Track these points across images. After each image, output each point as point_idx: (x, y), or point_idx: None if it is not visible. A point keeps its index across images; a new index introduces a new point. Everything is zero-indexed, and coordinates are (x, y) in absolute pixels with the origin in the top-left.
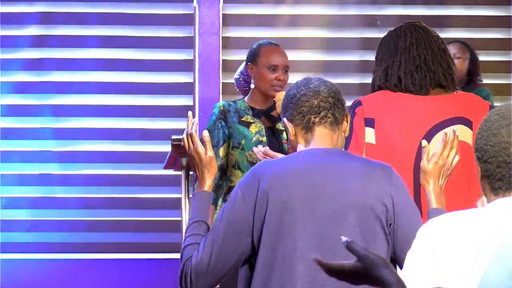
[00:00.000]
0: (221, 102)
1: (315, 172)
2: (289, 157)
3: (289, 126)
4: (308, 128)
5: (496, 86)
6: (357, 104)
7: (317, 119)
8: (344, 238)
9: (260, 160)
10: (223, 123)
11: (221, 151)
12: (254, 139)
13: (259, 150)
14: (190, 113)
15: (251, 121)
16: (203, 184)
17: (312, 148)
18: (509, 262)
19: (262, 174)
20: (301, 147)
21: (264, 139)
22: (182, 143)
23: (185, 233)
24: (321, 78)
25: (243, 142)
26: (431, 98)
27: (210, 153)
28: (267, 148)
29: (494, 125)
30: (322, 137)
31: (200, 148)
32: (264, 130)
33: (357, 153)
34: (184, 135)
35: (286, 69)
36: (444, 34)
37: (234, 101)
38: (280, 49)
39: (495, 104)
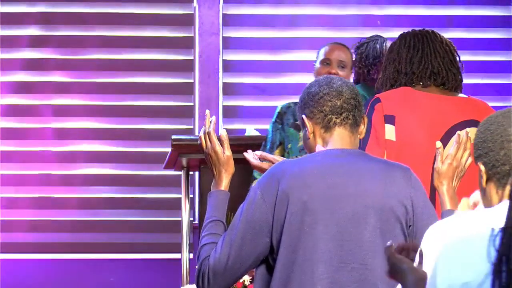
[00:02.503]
0: (283, 103)
1: (335, 173)
2: (308, 157)
3: (308, 123)
4: (328, 128)
5: (496, 86)
6: (376, 100)
7: (338, 120)
8: (388, 242)
9: (254, 164)
10: (279, 126)
11: (276, 154)
12: (300, 143)
13: (255, 154)
14: (208, 111)
15: None
16: (220, 183)
17: (331, 148)
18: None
19: (282, 174)
20: (319, 147)
21: None
22: (199, 141)
23: (202, 232)
24: (342, 78)
25: (289, 146)
26: (449, 99)
27: (228, 152)
28: (263, 152)
29: (491, 119)
30: (341, 138)
31: (218, 147)
32: None
33: (377, 150)
34: (202, 134)
35: (341, 64)
36: (444, 34)
37: (296, 103)
38: (340, 45)
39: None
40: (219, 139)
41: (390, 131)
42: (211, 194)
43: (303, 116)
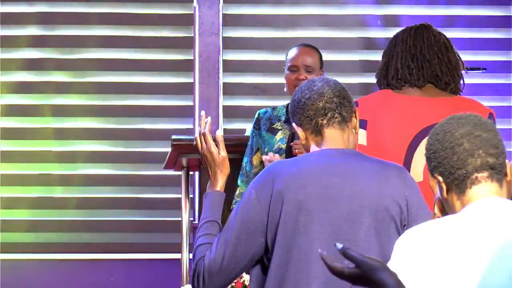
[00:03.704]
0: (262, 109)
1: (330, 172)
2: (302, 157)
3: (299, 130)
4: (317, 131)
5: (496, 86)
6: (354, 104)
7: (324, 121)
8: (339, 245)
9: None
10: (256, 132)
11: (255, 159)
12: (276, 146)
13: (271, 157)
14: (203, 112)
15: (280, 128)
16: (215, 184)
17: (325, 149)
18: (507, 265)
19: (277, 174)
20: (314, 147)
21: (284, 146)
22: (194, 142)
23: (197, 233)
24: (325, 77)
25: (266, 150)
26: (428, 100)
27: (223, 153)
28: (277, 155)
29: (437, 129)
30: (333, 138)
31: (213, 148)
32: (288, 137)
33: None
34: (197, 135)
35: (308, 69)
36: (444, 34)
37: (274, 107)
38: (306, 49)
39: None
40: (214, 140)
41: (361, 136)
42: (207, 195)
43: (294, 124)
